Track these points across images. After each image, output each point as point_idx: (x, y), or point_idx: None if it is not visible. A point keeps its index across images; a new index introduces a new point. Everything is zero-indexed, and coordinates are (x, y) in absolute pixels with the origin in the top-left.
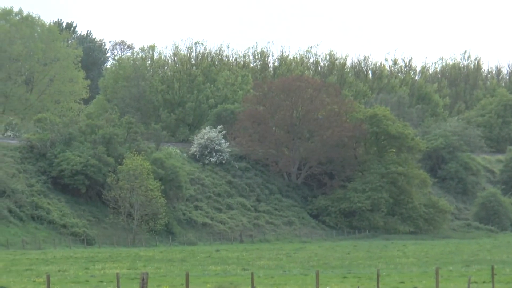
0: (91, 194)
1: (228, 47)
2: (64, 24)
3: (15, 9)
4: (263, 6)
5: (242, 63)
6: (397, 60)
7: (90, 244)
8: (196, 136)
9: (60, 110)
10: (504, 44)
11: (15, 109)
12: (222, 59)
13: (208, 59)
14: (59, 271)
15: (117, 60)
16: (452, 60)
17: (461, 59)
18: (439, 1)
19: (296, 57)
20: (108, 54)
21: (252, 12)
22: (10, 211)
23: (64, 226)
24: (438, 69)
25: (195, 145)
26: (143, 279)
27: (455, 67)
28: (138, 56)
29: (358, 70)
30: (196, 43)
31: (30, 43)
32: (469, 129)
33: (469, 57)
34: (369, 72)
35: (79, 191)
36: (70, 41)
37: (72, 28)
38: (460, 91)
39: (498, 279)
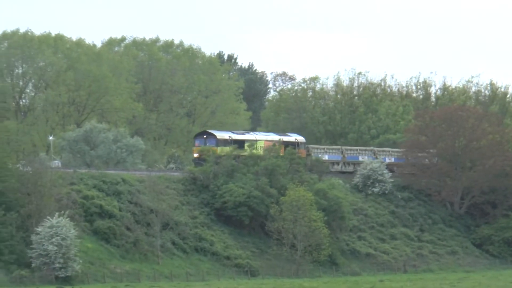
0: (254, 225)
1: (392, 77)
2: (225, 56)
3: (176, 41)
4: (426, 37)
5: (404, 93)
6: None
7: (253, 275)
8: (359, 167)
9: None
10: None
11: (178, 141)
12: (384, 89)
13: (370, 89)
14: None
15: (278, 92)
16: None
17: None
18: None
19: (458, 87)
20: (270, 86)
21: (416, 43)
22: (173, 243)
23: (228, 257)
24: None
25: (358, 176)
26: None
27: None
28: (299, 87)
29: None
30: (359, 73)
31: (192, 75)
32: None
33: None
34: None
35: (242, 222)
36: (231, 73)
37: (233, 60)
38: None
39: None
